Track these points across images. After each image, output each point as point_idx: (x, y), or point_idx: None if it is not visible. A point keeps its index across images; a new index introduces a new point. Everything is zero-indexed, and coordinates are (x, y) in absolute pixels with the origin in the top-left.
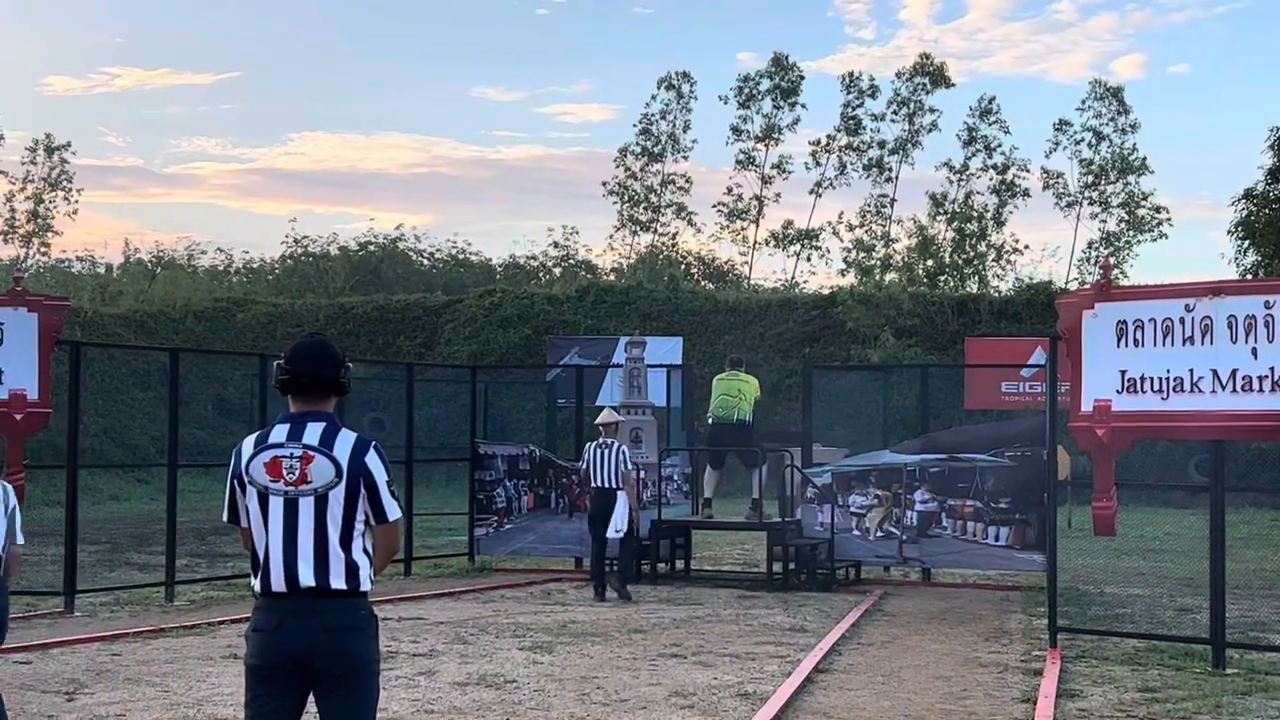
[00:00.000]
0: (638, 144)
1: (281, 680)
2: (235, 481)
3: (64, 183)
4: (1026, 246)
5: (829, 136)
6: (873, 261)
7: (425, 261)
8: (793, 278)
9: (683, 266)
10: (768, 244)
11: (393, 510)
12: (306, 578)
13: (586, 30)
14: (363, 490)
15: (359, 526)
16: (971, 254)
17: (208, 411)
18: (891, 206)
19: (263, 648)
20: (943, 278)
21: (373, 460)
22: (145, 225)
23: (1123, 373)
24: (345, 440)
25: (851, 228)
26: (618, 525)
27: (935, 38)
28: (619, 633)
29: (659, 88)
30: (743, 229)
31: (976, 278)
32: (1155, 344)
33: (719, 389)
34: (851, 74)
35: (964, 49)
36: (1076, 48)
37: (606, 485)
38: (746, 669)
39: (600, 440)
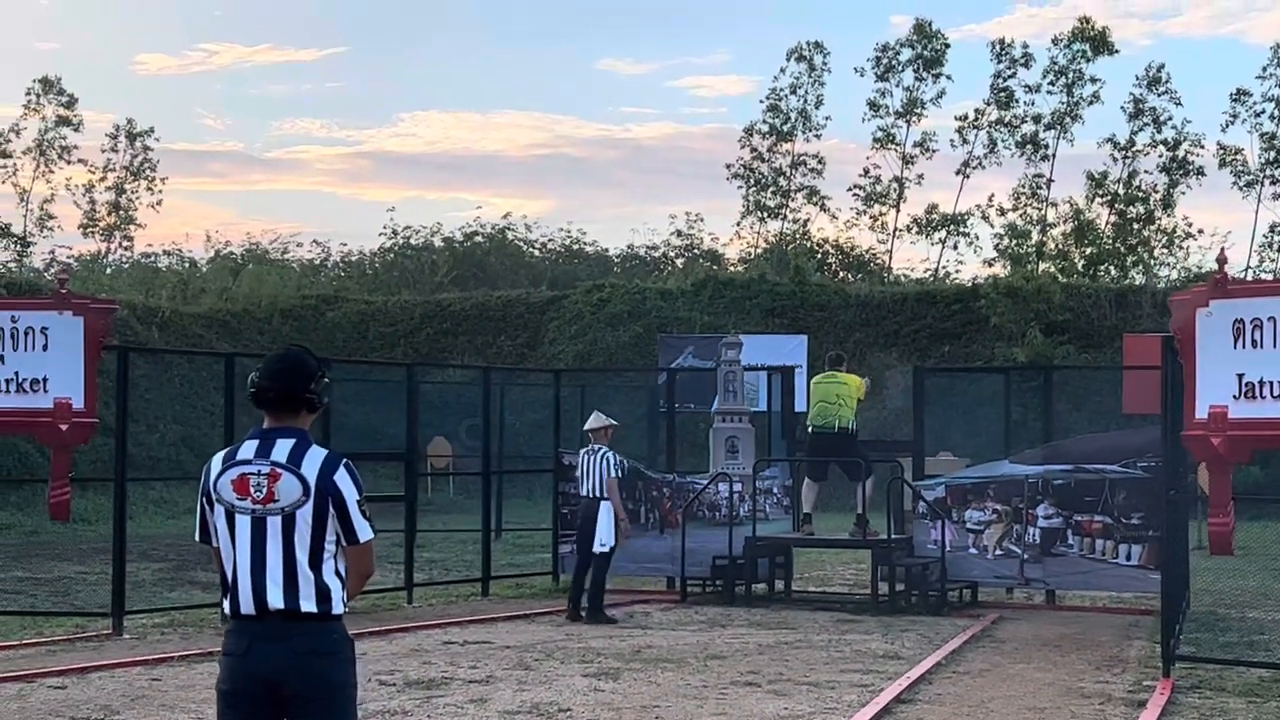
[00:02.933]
0: (765, 122)
1: (251, 706)
2: (204, 499)
3: (147, 171)
4: (1200, 231)
5: (977, 110)
6: (1026, 249)
7: (536, 253)
8: (937, 268)
9: (818, 256)
10: (909, 230)
11: (364, 531)
12: (275, 600)
13: None
14: (331, 509)
15: (329, 548)
16: (1135, 240)
17: None
18: (1048, 188)
19: (232, 672)
20: (1104, 267)
21: (342, 478)
22: (244, 214)
23: (1240, 376)
24: (314, 457)
25: (1003, 211)
26: (602, 539)
27: None
28: (695, 659)
29: (788, 59)
30: (881, 214)
31: (1141, 267)
32: (1276, 345)
33: (817, 393)
34: (1002, 41)
35: (1149, 8)
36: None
37: (591, 495)
38: (823, 699)
39: (590, 446)
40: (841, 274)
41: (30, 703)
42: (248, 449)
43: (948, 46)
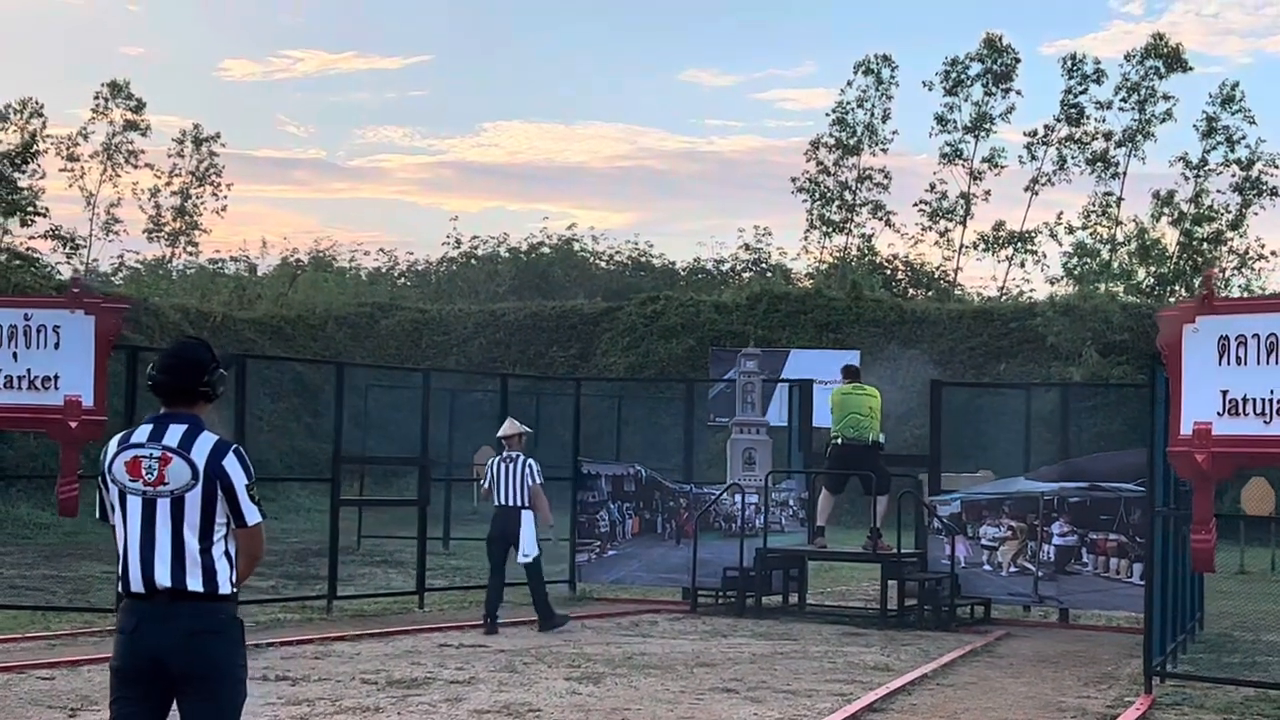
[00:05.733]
0: (831, 135)
1: (141, 683)
2: (100, 480)
3: (212, 176)
4: (1274, 253)
5: (1047, 127)
6: (1092, 268)
7: (602, 264)
8: (1003, 285)
9: (886, 272)
10: (975, 247)
11: (252, 515)
12: (163, 578)
13: (811, 7)
14: (220, 494)
15: (219, 530)
16: (1201, 261)
17: (344, 425)
18: (1118, 206)
19: (123, 649)
20: (1175, 287)
21: (231, 464)
22: (326, 222)
23: (1224, 393)
24: (205, 443)
25: (1071, 229)
26: (526, 549)
27: (1215, 11)
28: (684, 666)
29: (855, 72)
30: (948, 230)
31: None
32: (1259, 362)
33: (847, 405)
34: (1073, 56)
35: (1248, 25)
36: None
37: (510, 503)
38: (796, 706)
39: (504, 454)
40: (912, 292)
41: (14, 692)
42: (141, 433)
43: (1018, 61)
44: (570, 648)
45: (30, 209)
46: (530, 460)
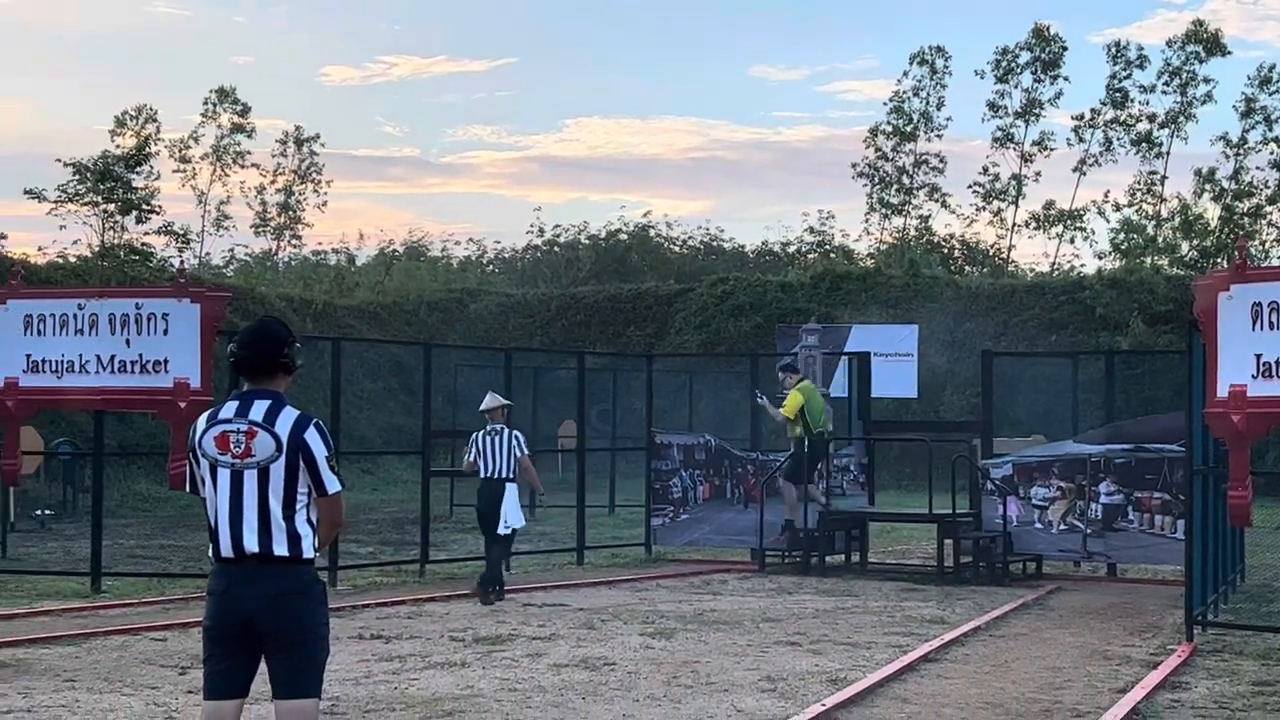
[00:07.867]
0: (889, 123)
1: (231, 641)
2: (190, 454)
3: (313, 174)
4: None
5: (1093, 110)
6: (1138, 243)
7: (676, 249)
8: (1054, 262)
9: (944, 251)
10: (1028, 226)
11: (331, 484)
12: (250, 544)
13: (870, 4)
14: (302, 464)
15: (302, 499)
16: (1244, 233)
17: (437, 402)
18: (1162, 184)
19: (213, 610)
20: (1217, 259)
21: (312, 436)
22: (421, 216)
23: (1258, 356)
24: (287, 417)
25: (1118, 207)
26: (510, 521)
27: None
28: (750, 621)
29: (911, 64)
30: (1000, 210)
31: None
32: None
33: (816, 401)
34: (1118, 43)
35: None
36: None
37: (497, 475)
38: (855, 657)
39: (488, 427)
40: (968, 269)
41: (129, 652)
42: (228, 409)
43: (1065, 49)
44: (644, 605)
45: (145, 207)
46: (516, 433)
